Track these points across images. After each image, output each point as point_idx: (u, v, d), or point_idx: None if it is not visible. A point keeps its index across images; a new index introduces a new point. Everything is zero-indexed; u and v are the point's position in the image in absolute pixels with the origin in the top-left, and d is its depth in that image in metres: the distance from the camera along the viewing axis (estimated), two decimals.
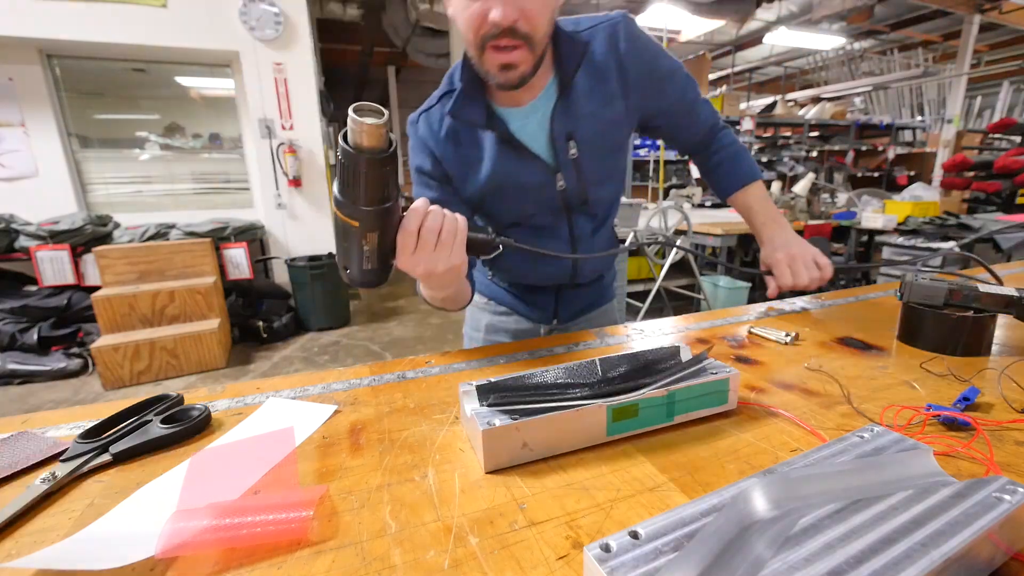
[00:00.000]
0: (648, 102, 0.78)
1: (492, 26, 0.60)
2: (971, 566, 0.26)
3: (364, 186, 0.47)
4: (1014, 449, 0.39)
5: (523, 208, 0.80)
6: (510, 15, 0.59)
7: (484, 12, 0.60)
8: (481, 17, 0.60)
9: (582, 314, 0.93)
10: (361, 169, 0.46)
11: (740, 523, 0.23)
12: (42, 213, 3.28)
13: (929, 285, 0.61)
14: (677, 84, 0.80)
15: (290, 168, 3.73)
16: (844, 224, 3.91)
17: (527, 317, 0.92)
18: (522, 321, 0.92)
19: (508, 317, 0.93)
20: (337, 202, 0.49)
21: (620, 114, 0.77)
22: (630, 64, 0.74)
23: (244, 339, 3.52)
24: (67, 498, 0.37)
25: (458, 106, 0.72)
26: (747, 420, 0.45)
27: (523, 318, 0.92)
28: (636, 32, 0.74)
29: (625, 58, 0.73)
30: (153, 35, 3.27)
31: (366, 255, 0.52)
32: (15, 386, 2.82)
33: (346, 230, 0.50)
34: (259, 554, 0.31)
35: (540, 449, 0.40)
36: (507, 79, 0.65)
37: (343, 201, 0.48)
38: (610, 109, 0.75)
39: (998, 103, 8.09)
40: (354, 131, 0.45)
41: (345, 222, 0.50)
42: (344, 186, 0.47)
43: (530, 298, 0.91)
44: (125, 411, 0.47)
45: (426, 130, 0.76)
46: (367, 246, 0.51)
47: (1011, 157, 4.74)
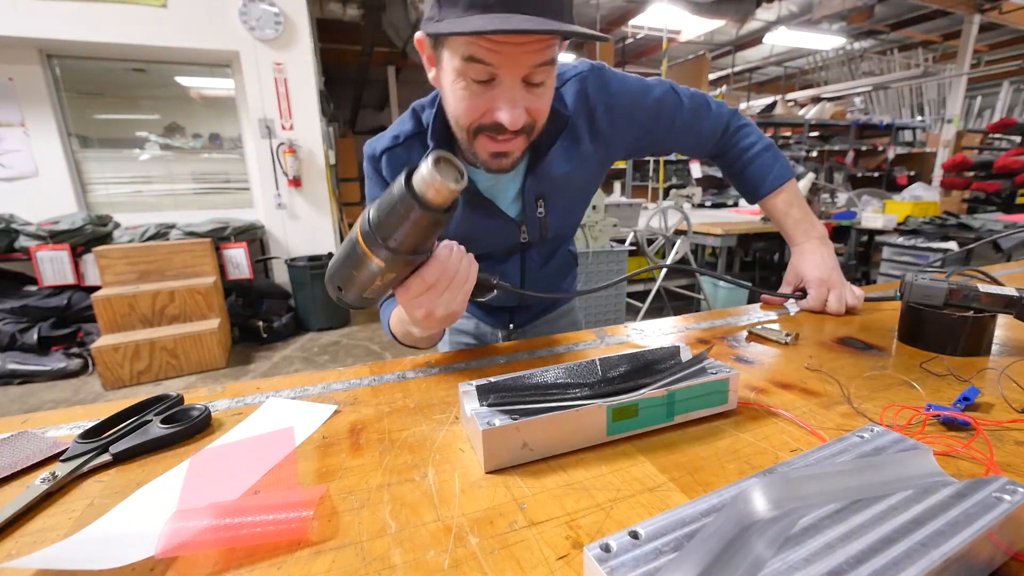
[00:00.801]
0: (632, 142, 0.77)
1: (496, 126, 0.56)
2: (971, 566, 0.26)
3: (407, 234, 0.42)
4: (1014, 449, 0.39)
5: (479, 249, 0.75)
6: (520, 120, 0.55)
7: (489, 109, 0.55)
8: (485, 112, 0.56)
9: (539, 317, 0.95)
10: (412, 218, 0.41)
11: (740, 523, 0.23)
12: (42, 213, 3.29)
13: (929, 285, 0.61)
14: (664, 114, 0.77)
15: (290, 168, 3.73)
16: (844, 224, 3.91)
17: (484, 321, 0.94)
18: (481, 325, 0.94)
19: (468, 320, 0.95)
20: (366, 234, 0.44)
21: (593, 170, 0.76)
22: (602, 115, 0.72)
23: (244, 339, 3.53)
24: (67, 498, 0.37)
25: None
26: (747, 420, 0.45)
27: (481, 321, 0.94)
28: (606, 80, 0.72)
29: (596, 111, 0.71)
30: (153, 35, 3.27)
31: (372, 289, 0.48)
32: (15, 386, 2.82)
33: (362, 262, 0.45)
34: (259, 554, 0.31)
35: (540, 449, 0.40)
36: (499, 166, 0.61)
37: (374, 238, 0.43)
38: (583, 169, 0.74)
39: (998, 103, 8.09)
40: (427, 182, 0.40)
41: (366, 255, 0.44)
42: (382, 224, 0.42)
43: (486, 307, 0.93)
44: (125, 411, 0.47)
45: (390, 170, 0.72)
46: (378, 283, 0.47)
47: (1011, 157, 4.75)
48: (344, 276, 0.48)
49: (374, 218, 0.43)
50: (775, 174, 0.82)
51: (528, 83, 0.55)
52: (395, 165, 0.71)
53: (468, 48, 0.52)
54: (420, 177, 0.41)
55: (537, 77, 0.54)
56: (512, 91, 0.54)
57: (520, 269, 0.82)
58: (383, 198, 0.43)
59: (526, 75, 0.54)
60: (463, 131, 0.59)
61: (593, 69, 0.72)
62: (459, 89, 0.55)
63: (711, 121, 0.81)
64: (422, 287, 0.48)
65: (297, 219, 3.95)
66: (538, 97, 0.57)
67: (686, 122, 0.79)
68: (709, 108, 0.81)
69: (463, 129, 0.59)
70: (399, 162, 0.71)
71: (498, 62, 0.52)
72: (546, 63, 0.54)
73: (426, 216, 0.41)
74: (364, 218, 0.44)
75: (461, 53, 0.52)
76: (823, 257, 0.79)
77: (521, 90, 0.55)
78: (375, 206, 0.43)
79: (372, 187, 0.75)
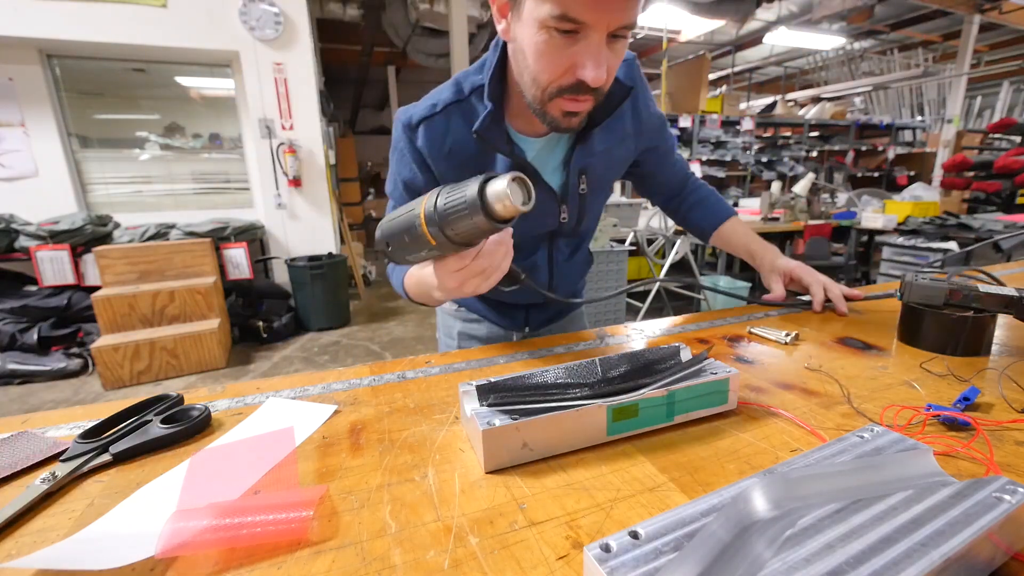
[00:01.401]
0: (645, 142, 0.80)
1: (578, 83, 0.55)
2: (971, 566, 0.26)
3: (466, 231, 0.45)
4: (1014, 449, 0.39)
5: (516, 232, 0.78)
6: (603, 78, 0.53)
7: (573, 66, 0.53)
8: (567, 69, 0.54)
9: (553, 320, 0.94)
10: (475, 222, 0.44)
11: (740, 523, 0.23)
12: (42, 213, 3.28)
13: (929, 285, 0.61)
14: (665, 128, 0.83)
15: (290, 168, 3.73)
16: (844, 224, 3.91)
17: (497, 324, 0.92)
18: (493, 328, 0.92)
19: (479, 324, 0.93)
20: (429, 217, 0.46)
21: (630, 152, 0.78)
22: (640, 103, 0.74)
23: (244, 339, 3.53)
24: (67, 498, 0.37)
25: (486, 126, 0.65)
26: (747, 420, 0.45)
27: (494, 325, 0.92)
28: (641, 73, 0.75)
29: (637, 96, 0.73)
30: (153, 35, 3.27)
31: (417, 257, 0.52)
32: (15, 386, 2.82)
33: (418, 238, 0.48)
34: (259, 554, 0.31)
35: (540, 449, 0.40)
36: (569, 124, 0.60)
37: (436, 223, 0.46)
38: (622, 147, 0.75)
39: (998, 103, 8.09)
40: (499, 198, 0.42)
41: (423, 233, 0.47)
42: (447, 215, 0.45)
43: (501, 309, 0.91)
44: (125, 411, 0.47)
45: (426, 141, 0.69)
46: (424, 255, 0.51)
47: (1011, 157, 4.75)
48: (396, 240, 0.51)
49: (440, 207, 0.45)
50: (727, 209, 0.92)
51: (612, 37, 0.53)
52: (433, 135, 0.68)
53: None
54: (494, 191, 0.43)
55: (621, 32, 0.53)
56: (600, 46, 0.52)
57: (548, 260, 0.81)
58: (453, 192, 0.45)
59: (613, 29, 0.52)
60: (539, 89, 0.57)
61: (636, 58, 0.73)
62: (541, 43, 0.53)
63: (681, 163, 0.91)
64: (459, 266, 0.50)
65: (297, 219, 3.95)
66: (616, 55, 0.55)
67: (672, 147, 0.86)
68: (678, 152, 0.90)
69: (540, 87, 0.57)
70: (438, 132, 0.68)
71: (592, 20, 0.50)
72: (632, 22, 0.53)
73: (488, 224, 0.44)
74: (431, 200, 0.46)
75: (551, 2, 0.49)
76: (791, 262, 0.83)
77: (605, 46, 0.53)
78: (443, 195, 0.45)
79: (402, 159, 0.72)
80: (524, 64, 0.57)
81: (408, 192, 0.73)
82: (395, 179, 0.74)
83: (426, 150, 0.69)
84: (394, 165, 0.74)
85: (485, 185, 0.43)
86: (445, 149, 0.68)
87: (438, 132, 0.68)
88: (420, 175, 0.71)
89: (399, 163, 0.73)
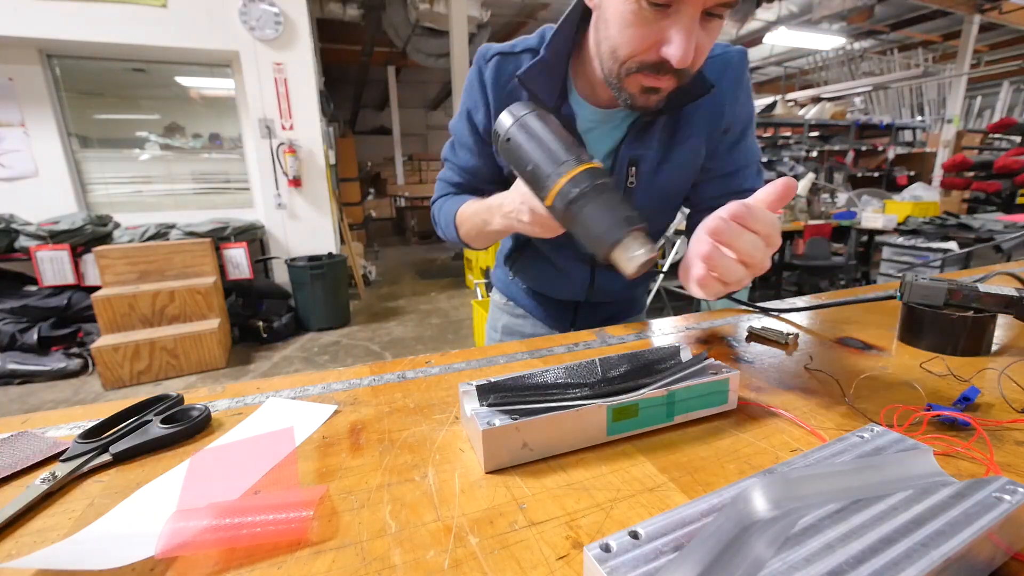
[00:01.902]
0: (710, 148, 0.71)
1: (661, 61, 0.50)
2: (971, 566, 0.26)
3: (582, 227, 0.48)
4: (1014, 449, 0.39)
5: None
6: (689, 58, 0.49)
7: (658, 42, 0.49)
8: (652, 45, 0.50)
9: (605, 323, 0.89)
10: (596, 235, 0.47)
11: (740, 523, 0.23)
12: (42, 213, 3.29)
13: (929, 285, 0.61)
14: (748, 141, 0.72)
15: (290, 168, 3.73)
16: (844, 224, 3.92)
17: (543, 323, 0.89)
18: (538, 326, 0.89)
19: (524, 320, 0.90)
20: (560, 192, 0.48)
21: (695, 154, 0.69)
22: (727, 108, 0.67)
23: (244, 339, 3.53)
24: (67, 498, 0.37)
25: (532, 73, 0.61)
26: (747, 420, 0.45)
27: (539, 323, 0.89)
28: (746, 74, 0.66)
29: (724, 100, 0.66)
30: (153, 35, 3.28)
31: (526, 174, 0.52)
32: (15, 386, 2.82)
33: (542, 186, 0.50)
34: (259, 554, 0.31)
35: (540, 449, 0.40)
36: (646, 102, 0.56)
37: (563, 201, 0.48)
38: (685, 150, 0.67)
39: (998, 103, 8.10)
40: (627, 256, 0.46)
41: (549, 190, 0.49)
42: (581, 216, 0.47)
43: (548, 306, 0.87)
44: (125, 411, 0.47)
45: (493, 75, 0.66)
46: (531, 188, 0.52)
47: (1011, 157, 4.75)
48: (520, 158, 0.51)
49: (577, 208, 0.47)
50: None
51: (707, 15, 0.49)
52: (501, 71, 0.67)
53: None
54: (627, 251, 0.46)
55: (717, 11, 0.48)
56: (691, 23, 0.47)
57: (591, 257, 0.75)
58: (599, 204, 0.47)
59: (709, 6, 0.47)
60: (617, 63, 0.53)
61: (742, 56, 0.66)
62: (628, 13, 0.49)
63: (750, 183, 0.73)
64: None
65: (297, 219, 3.95)
66: (708, 36, 0.51)
67: (733, 173, 0.72)
68: (759, 175, 0.74)
69: (619, 60, 0.53)
70: (506, 70, 0.66)
71: None
72: (732, 1, 0.48)
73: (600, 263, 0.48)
74: (576, 178, 0.47)
75: None
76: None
77: (698, 25, 0.48)
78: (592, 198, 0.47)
79: (470, 89, 0.70)
80: (605, 34, 0.53)
81: (470, 123, 0.72)
82: (462, 111, 0.73)
83: (490, 83, 0.67)
84: (463, 97, 0.72)
85: (625, 236, 0.45)
86: (506, 89, 0.67)
87: (507, 70, 0.66)
88: (481, 107, 0.70)
89: (467, 94, 0.71)
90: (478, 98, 0.69)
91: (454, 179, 0.79)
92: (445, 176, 0.81)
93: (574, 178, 0.47)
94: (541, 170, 0.50)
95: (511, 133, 0.53)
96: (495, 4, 5.81)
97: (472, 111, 0.71)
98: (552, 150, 0.50)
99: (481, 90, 0.68)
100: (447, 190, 0.81)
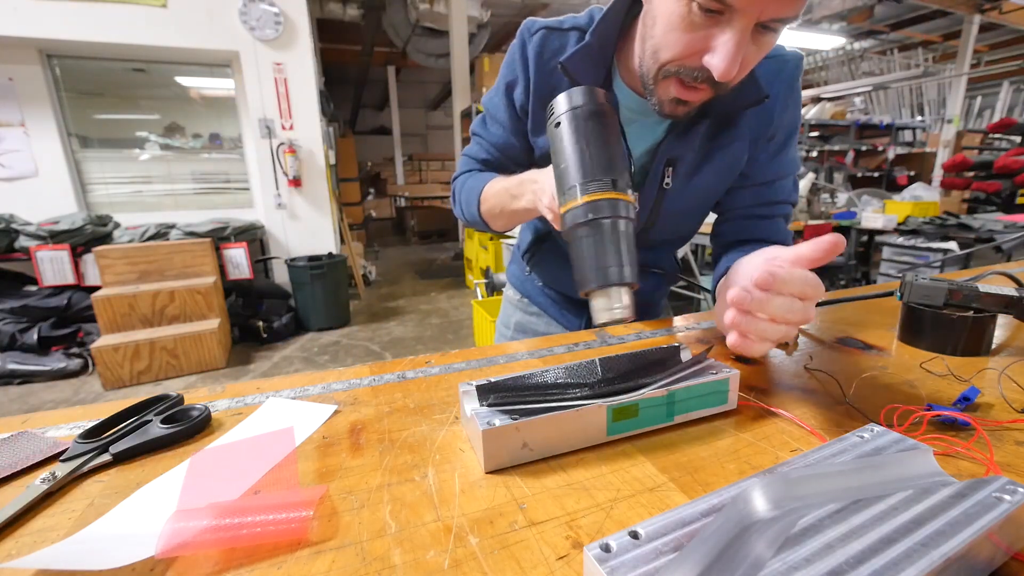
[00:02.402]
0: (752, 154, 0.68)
1: (700, 71, 0.48)
2: (971, 566, 0.26)
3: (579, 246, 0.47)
4: (1014, 449, 0.39)
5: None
6: (733, 72, 0.46)
7: (703, 49, 0.47)
8: (696, 51, 0.47)
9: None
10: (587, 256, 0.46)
11: (740, 523, 0.23)
12: (42, 213, 3.29)
13: (929, 285, 0.61)
14: (789, 152, 0.69)
15: (290, 168, 3.73)
16: (844, 224, 3.91)
17: (557, 321, 0.87)
18: (552, 324, 0.88)
19: (538, 319, 0.89)
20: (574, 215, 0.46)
21: (737, 162, 0.66)
22: (776, 115, 0.64)
23: (244, 339, 3.53)
24: (67, 498, 0.37)
25: (576, 59, 0.58)
26: (747, 420, 0.45)
27: (553, 321, 0.88)
28: (799, 81, 0.64)
29: (774, 105, 0.63)
30: (153, 35, 3.28)
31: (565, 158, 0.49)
32: (15, 386, 2.82)
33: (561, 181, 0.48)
34: (259, 554, 0.31)
35: (540, 449, 0.40)
36: (673, 112, 0.54)
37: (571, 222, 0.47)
38: (727, 153, 0.64)
39: (998, 103, 8.10)
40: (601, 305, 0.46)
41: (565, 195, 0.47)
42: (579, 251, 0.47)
43: (563, 304, 0.86)
44: (125, 411, 0.47)
45: (537, 49, 0.63)
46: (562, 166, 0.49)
47: (1011, 157, 4.75)
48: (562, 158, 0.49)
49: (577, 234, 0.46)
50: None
51: (761, 27, 0.45)
52: (545, 46, 0.64)
53: None
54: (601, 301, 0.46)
55: (773, 24, 0.45)
56: (741, 36, 0.44)
57: None
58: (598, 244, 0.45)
59: (764, 20, 0.44)
60: (656, 63, 0.51)
61: (798, 61, 0.63)
62: (676, 14, 0.46)
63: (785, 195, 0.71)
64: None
65: (297, 219, 3.95)
66: (759, 49, 0.48)
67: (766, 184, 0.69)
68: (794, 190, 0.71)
69: (658, 62, 0.50)
70: (551, 45, 0.64)
71: (742, 3, 0.43)
72: (790, 16, 0.45)
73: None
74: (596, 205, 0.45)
75: None
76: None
77: (749, 38, 0.45)
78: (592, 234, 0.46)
79: (510, 61, 0.67)
80: (650, 31, 0.51)
81: (507, 97, 0.69)
82: (499, 85, 0.70)
83: (532, 57, 0.64)
84: (502, 71, 0.69)
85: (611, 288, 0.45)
86: (549, 65, 0.64)
87: (552, 46, 0.64)
88: (521, 81, 0.67)
89: (507, 67, 0.68)
90: (519, 72, 0.66)
91: (481, 155, 0.77)
92: (471, 152, 0.78)
93: (595, 203, 0.45)
94: (569, 175, 0.47)
95: (563, 119, 0.49)
96: (495, 4, 5.81)
97: (511, 85, 0.68)
98: (591, 160, 0.46)
99: (523, 64, 0.65)
100: (472, 166, 0.78)
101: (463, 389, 0.43)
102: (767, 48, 0.49)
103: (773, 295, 0.42)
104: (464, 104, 5.19)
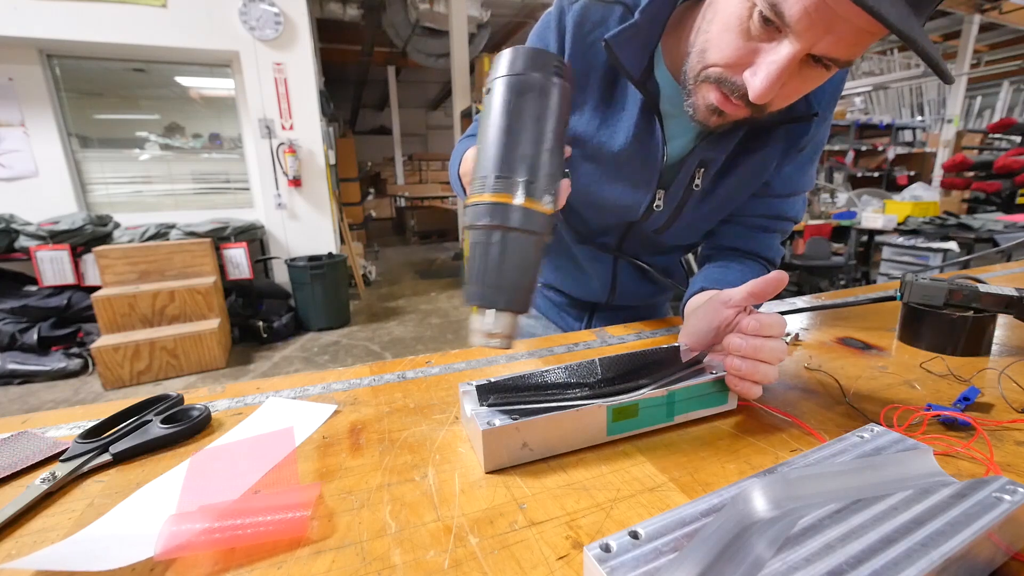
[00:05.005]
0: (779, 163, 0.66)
1: (739, 86, 0.46)
2: (971, 566, 0.26)
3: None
4: (1014, 449, 0.39)
5: (599, 214, 0.68)
6: (769, 96, 0.44)
7: (746, 63, 0.45)
8: (740, 62, 0.45)
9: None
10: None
11: (740, 523, 0.23)
12: (42, 213, 3.29)
13: (929, 285, 0.61)
14: (812, 167, 0.68)
15: (290, 168, 3.73)
16: (844, 224, 3.92)
17: (556, 324, 0.86)
18: (551, 328, 0.86)
19: (537, 322, 0.88)
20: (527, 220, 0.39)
21: (764, 170, 0.63)
22: (814, 128, 0.62)
23: (244, 339, 3.53)
24: (67, 498, 0.37)
25: (622, 39, 0.54)
26: (747, 420, 0.45)
27: (552, 324, 0.87)
28: (838, 97, 0.62)
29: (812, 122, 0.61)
30: (153, 35, 3.27)
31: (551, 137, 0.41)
32: (15, 386, 2.82)
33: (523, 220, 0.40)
34: (259, 554, 0.31)
35: (540, 449, 0.40)
36: (706, 119, 0.52)
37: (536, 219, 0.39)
38: (756, 159, 0.62)
39: (998, 103, 8.10)
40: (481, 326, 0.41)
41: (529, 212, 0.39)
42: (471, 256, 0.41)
43: (563, 307, 0.85)
44: (125, 411, 0.47)
45: (576, 20, 0.58)
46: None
47: (1011, 157, 4.75)
48: (481, 136, 0.41)
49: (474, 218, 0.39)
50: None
51: (812, 60, 0.43)
52: (585, 18, 0.58)
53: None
54: (483, 322, 0.40)
55: (826, 61, 0.43)
56: (787, 62, 0.42)
57: (612, 264, 0.73)
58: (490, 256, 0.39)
59: (818, 53, 0.42)
60: (701, 63, 0.48)
61: (843, 71, 0.58)
62: (735, 16, 0.44)
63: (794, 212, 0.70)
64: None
65: (297, 219, 3.95)
66: (803, 83, 0.46)
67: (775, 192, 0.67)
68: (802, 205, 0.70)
69: (703, 62, 0.48)
70: (592, 17, 0.58)
71: (799, 28, 0.40)
72: (843, 59, 0.43)
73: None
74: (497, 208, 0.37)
75: None
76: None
77: (796, 65, 0.43)
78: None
79: (544, 29, 0.61)
80: (706, 26, 0.48)
81: None
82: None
83: (570, 28, 0.59)
84: (531, 38, 0.64)
85: (497, 310, 0.39)
86: (588, 38, 0.59)
87: (593, 18, 0.58)
88: (553, 49, 0.61)
89: (537, 36, 0.62)
90: (552, 41, 0.60)
91: None
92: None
93: (496, 205, 0.37)
94: (482, 162, 0.39)
95: (494, 85, 0.39)
96: (495, 4, 5.80)
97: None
98: (511, 148, 0.38)
99: (558, 33, 0.60)
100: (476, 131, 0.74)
101: (463, 389, 0.43)
102: (812, 85, 0.47)
103: (764, 339, 0.43)
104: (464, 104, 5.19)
